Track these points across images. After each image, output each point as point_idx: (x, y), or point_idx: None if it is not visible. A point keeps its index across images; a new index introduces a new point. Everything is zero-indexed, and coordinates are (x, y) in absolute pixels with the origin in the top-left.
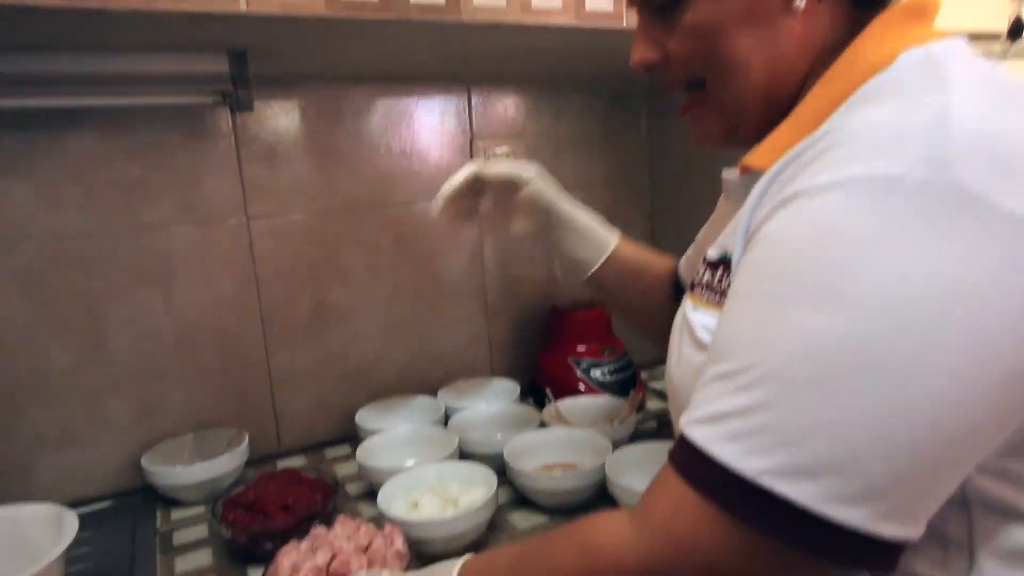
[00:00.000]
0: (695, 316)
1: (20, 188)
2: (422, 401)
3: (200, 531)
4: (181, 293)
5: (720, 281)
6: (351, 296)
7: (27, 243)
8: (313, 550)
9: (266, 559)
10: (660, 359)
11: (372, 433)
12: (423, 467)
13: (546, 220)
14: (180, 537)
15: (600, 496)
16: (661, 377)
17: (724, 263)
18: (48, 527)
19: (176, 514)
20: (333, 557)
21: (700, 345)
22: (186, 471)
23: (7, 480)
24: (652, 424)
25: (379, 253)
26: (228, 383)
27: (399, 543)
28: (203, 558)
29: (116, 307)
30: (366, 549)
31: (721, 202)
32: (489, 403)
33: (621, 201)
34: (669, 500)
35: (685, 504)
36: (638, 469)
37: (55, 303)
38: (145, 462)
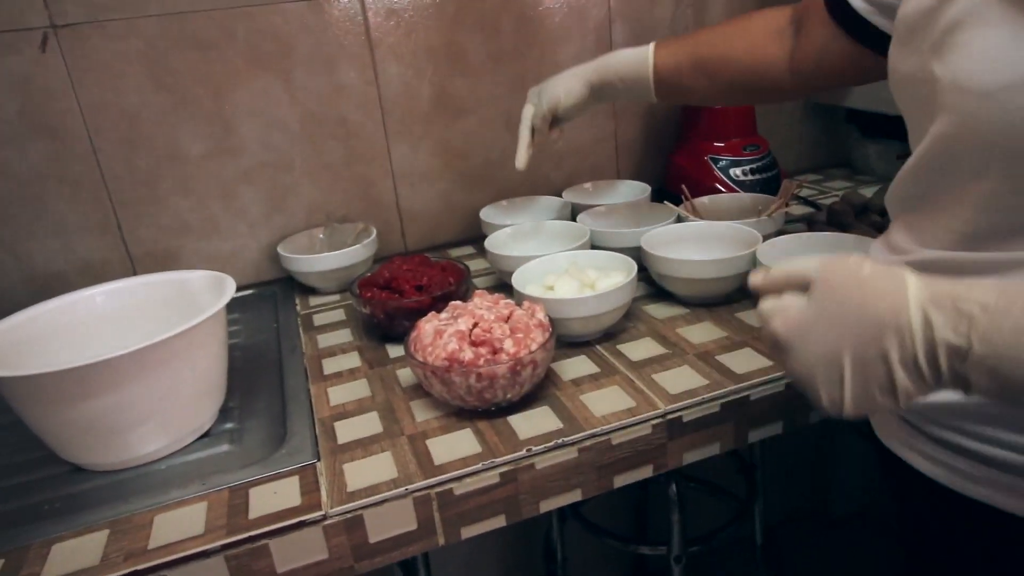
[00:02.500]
0: None
1: None
2: (547, 200)
3: (338, 315)
4: (301, 80)
5: None
6: (471, 87)
7: (145, 23)
8: (454, 318)
9: (401, 337)
10: (800, 168)
11: (498, 228)
12: (557, 255)
13: (588, 107)
14: (320, 319)
15: (742, 291)
16: (802, 185)
17: None
18: (211, 290)
19: (314, 300)
20: (475, 324)
21: None
22: (321, 258)
23: (157, 267)
24: (800, 226)
25: (500, 39)
26: (352, 177)
27: (541, 315)
28: (343, 336)
29: (240, 93)
30: (507, 318)
31: None
32: (618, 202)
33: None
34: None
35: None
36: (791, 259)
37: (182, 88)
38: (282, 249)
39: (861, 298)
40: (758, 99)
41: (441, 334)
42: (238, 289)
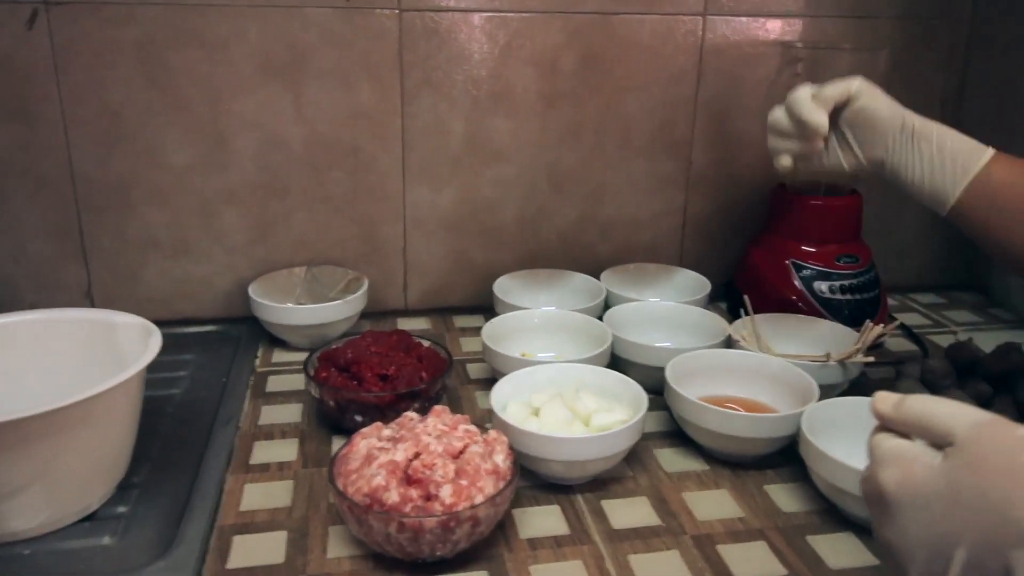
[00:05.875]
0: None
1: None
2: (580, 280)
3: (296, 381)
4: (313, 96)
5: None
6: (514, 129)
7: (147, 11)
8: (395, 441)
9: (351, 432)
10: (920, 284)
11: (510, 308)
12: (557, 365)
13: (873, 139)
14: (275, 384)
15: (785, 454)
16: (914, 309)
17: None
18: (139, 340)
19: (278, 356)
20: (417, 455)
21: None
22: (292, 311)
23: (116, 284)
24: (886, 373)
25: (557, 76)
26: (356, 215)
27: (500, 457)
28: (291, 413)
29: (240, 102)
30: (457, 455)
31: None
32: (666, 300)
33: None
34: None
35: None
36: (840, 430)
37: (175, 88)
38: (253, 291)
39: (1011, 489)
40: None
41: (371, 461)
42: (199, 323)
